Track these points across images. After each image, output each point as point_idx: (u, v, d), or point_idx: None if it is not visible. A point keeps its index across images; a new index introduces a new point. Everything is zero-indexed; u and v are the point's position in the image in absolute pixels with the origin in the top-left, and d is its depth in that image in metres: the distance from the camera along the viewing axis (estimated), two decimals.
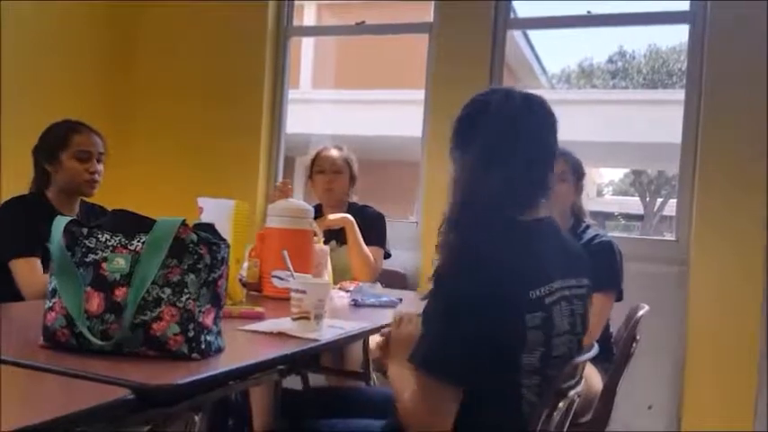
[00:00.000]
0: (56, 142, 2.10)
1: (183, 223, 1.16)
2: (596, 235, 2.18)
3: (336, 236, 2.51)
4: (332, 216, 2.44)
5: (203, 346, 1.14)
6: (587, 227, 2.22)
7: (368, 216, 2.59)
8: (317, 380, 2.40)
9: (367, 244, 2.46)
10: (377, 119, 8.17)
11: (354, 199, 2.70)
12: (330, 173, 2.61)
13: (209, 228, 1.21)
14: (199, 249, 1.15)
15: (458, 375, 1.14)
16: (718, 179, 2.78)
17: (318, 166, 2.62)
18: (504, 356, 1.15)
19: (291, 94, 3.71)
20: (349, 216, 2.44)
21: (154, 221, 1.16)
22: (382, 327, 1.64)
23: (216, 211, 1.77)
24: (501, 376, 1.16)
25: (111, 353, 1.09)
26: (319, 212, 2.60)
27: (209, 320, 1.16)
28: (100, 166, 2.13)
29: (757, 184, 2.71)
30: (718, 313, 2.73)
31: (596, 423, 1.94)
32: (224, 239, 1.21)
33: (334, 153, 2.65)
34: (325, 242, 2.48)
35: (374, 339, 2.36)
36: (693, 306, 2.77)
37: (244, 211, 1.83)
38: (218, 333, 1.20)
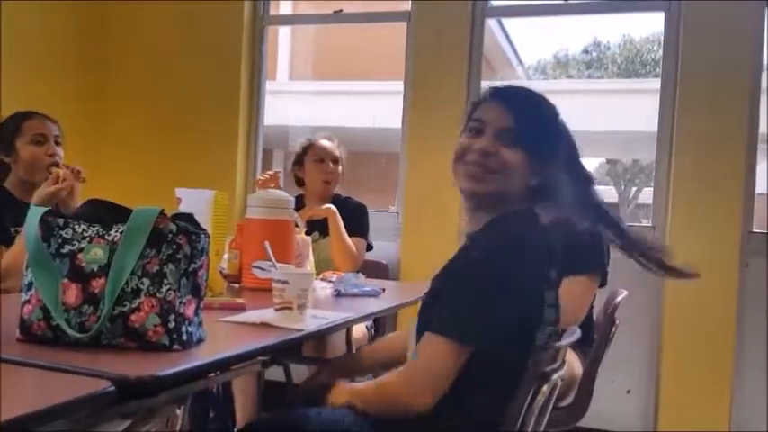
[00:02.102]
0: (10, 132, 2.07)
1: (162, 213, 1.14)
2: None
3: (319, 227, 2.49)
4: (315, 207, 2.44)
5: (184, 337, 1.12)
6: None
7: (350, 207, 2.58)
8: (299, 370, 2.39)
9: (350, 235, 2.45)
10: (356, 110, 8.14)
11: (337, 190, 2.69)
12: (330, 163, 2.58)
13: (189, 218, 1.19)
14: (178, 239, 1.13)
15: (479, 338, 1.18)
16: (693, 166, 2.81)
17: (317, 155, 2.59)
18: (524, 331, 1.21)
19: (269, 85, 3.68)
20: (332, 207, 2.42)
21: (131, 211, 1.14)
22: (365, 316, 1.64)
23: (194, 201, 1.75)
24: (517, 351, 1.20)
25: (90, 345, 1.06)
26: (301, 203, 2.58)
27: (189, 311, 1.15)
28: (59, 149, 2.10)
29: (733, 170, 2.75)
30: (694, 298, 2.77)
31: (577, 406, 1.96)
32: (203, 230, 1.19)
33: (330, 144, 2.63)
34: (308, 233, 2.47)
35: (358, 329, 2.36)
36: (670, 291, 2.81)
37: (223, 202, 1.81)
38: (200, 324, 1.18)
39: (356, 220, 2.53)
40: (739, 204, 2.74)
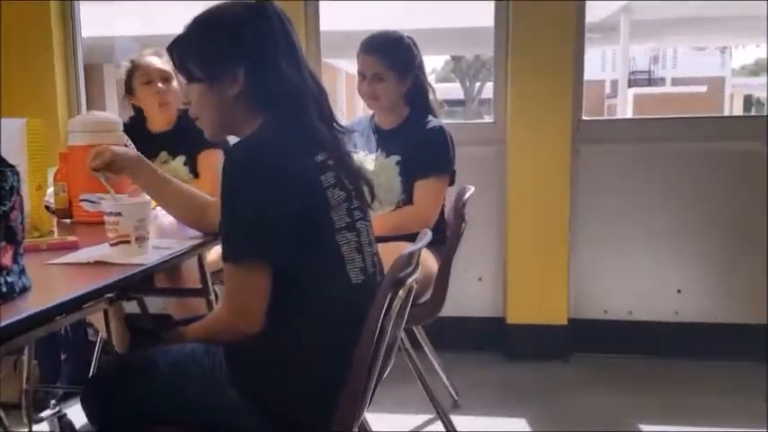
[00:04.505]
0: None
1: None
2: (428, 121, 2.21)
3: (168, 145, 2.33)
4: None
5: (4, 289, 1.01)
6: (422, 114, 2.24)
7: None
8: (153, 302, 2.29)
9: (203, 148, 2.30)
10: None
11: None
12: (160, 83, 2.35)
13: None
14: None
15: (271, 251, 1.18)
16: (529, 61, 2.90)
17: (145, 76, 2.36)
18: (316, 219, 1.22)
19: None
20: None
21: None
22: (213, 240, 1.57)
23: (3, 133, 1.54)
24: (319, 240, 1.23)
25: None
26: (143, 122, 2.39)
27: (6, 260, 1.03)
28: None
29: (565, 65, 2.88)
30: (533, 186, 2.95)
31: (434, 302, 2.06)
32: (11, 165, 1.05)
33: (158, 60, 2.38)
34: (154, 156, 2.30)
35: (214, 251, 2.27)
36: (512, 183, 2.97)
37: (38, 129, 1.61)
38: (22, 272, 1.07)
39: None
40: (570, 94, 2.90)
